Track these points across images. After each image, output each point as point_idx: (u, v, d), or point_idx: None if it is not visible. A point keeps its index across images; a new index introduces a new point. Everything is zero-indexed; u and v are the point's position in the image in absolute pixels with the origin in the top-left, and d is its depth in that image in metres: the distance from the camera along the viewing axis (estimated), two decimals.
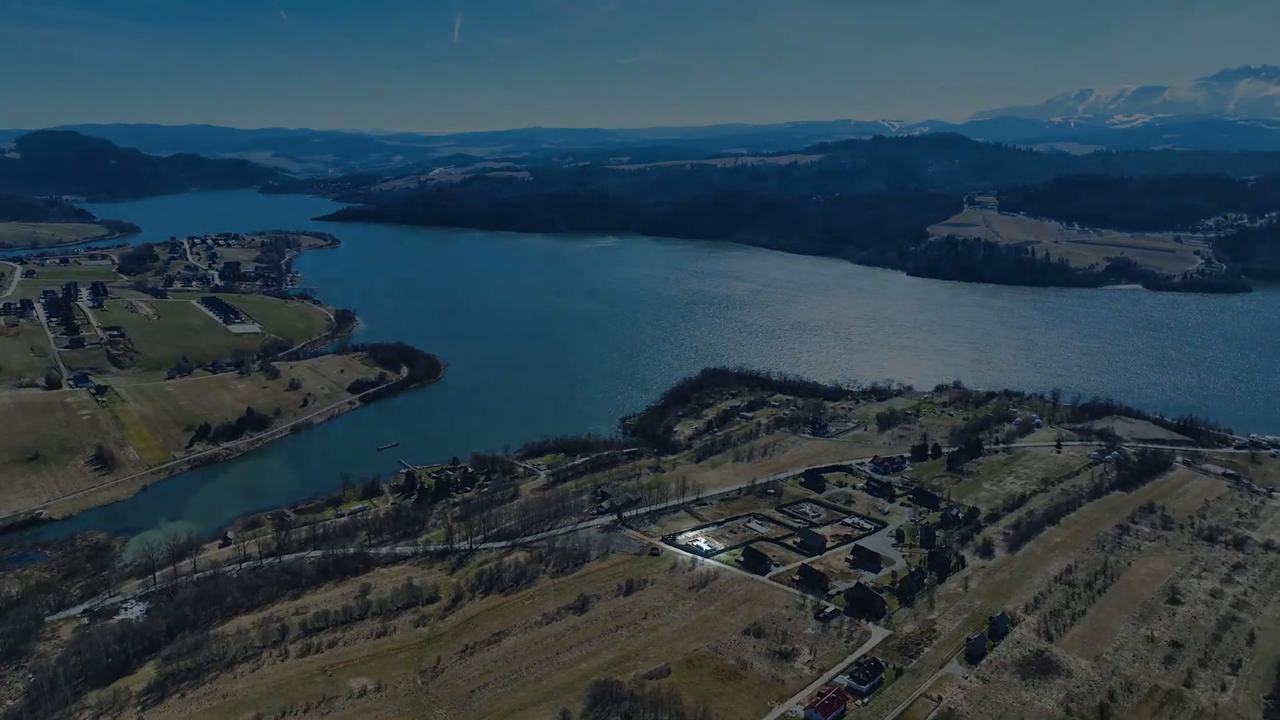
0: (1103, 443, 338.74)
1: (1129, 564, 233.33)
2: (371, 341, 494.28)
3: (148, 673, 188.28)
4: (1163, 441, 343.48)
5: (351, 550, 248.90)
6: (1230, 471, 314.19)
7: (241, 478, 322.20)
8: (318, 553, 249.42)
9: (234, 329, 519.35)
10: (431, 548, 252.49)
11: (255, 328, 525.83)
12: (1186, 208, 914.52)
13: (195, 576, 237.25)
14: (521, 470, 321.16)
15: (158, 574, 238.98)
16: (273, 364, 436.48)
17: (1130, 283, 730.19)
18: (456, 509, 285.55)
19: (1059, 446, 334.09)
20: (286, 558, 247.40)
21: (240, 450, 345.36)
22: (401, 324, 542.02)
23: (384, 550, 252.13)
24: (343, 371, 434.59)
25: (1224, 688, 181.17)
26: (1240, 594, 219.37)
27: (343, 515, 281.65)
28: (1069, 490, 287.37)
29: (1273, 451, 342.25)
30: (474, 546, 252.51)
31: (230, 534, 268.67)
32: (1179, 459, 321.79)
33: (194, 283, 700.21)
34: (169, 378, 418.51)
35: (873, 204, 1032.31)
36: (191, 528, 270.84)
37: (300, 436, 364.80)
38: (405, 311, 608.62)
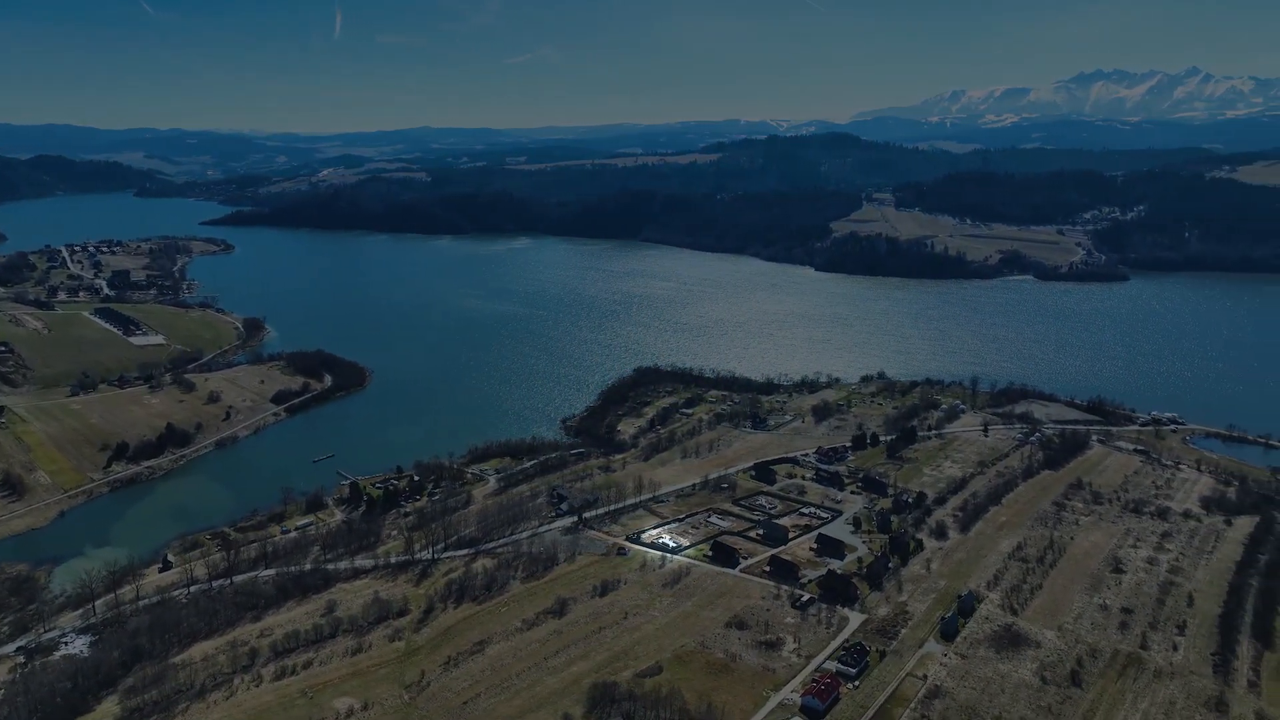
0: (1024, 425, 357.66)
1: (1072, 538, 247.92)
2: (288, 350, 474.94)
3: (110, 709, 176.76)
4: (1077, 422, 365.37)
5: (308, 567, 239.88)
6: (1140, 447, 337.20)
7: (169, 498, 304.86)
8: (271, 571, 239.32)
9: (136, 341, 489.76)
10: (393, 559, 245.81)
11: (159, 339, 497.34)
12: (1064, 202, 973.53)
13: (141, 604, 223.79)
14: (470, 476, 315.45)
15: (97, 604, 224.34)
16: (186, 376, 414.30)
17: (1022, 274, 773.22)
18: (409, 518, 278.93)
19: (986, 431, 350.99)
20: (238, 578, 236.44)
21: (164, 469, 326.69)
22: (316, 331, 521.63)
23: (342, 565, 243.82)
24: (263, 382, 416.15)
25: (1175, 648, 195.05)
26: (1173, 560, 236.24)
27: (289, 531, 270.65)
28: (1003, 472, 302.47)
29: (1172, 427, 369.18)
30: (436, 556, 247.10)
31: (170, 557, 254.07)
32: (1094, 438, 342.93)
33: (81, 293, 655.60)
34: (72, 394, 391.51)
35: (775, 201, 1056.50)
36: (123, 553, 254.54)
37: (227, 451, 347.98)
38: (317, 318, 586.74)
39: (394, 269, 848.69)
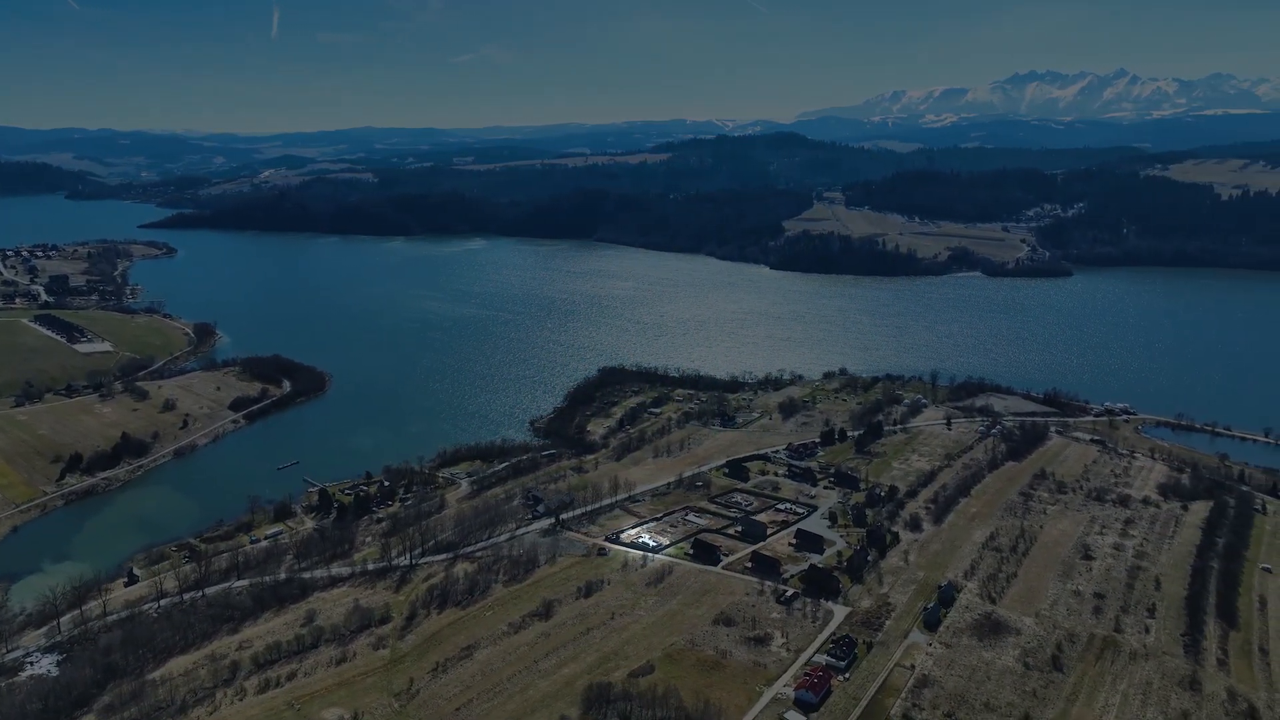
0: (985, 418, 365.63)
1: (1041, 527, 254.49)
2: (242, 355, 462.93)
3: None
4: (1034, 414, 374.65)
5: (283, 576, 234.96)
6: (1096, 438, 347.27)
7: (129, 510, 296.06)
8: (244, 582, 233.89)
9: (81, 348, 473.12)
10: (370, 566, 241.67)
11: (106, 346, 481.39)
12: (1008, 200, 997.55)
13: (109, 619, 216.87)
14: (441, 480, 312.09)
15: (61, 621, 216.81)
16: (138, 384, 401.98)
17: (970, 270, 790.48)
18: (383, 524, 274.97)
19: (949, 424, 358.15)
20: (210, 590, 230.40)
21: (121, 480, 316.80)
22: (270, 336, 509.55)
23: (318, 573, 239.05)
24: (219, 389, 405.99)
25: (1147, 630, 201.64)
26: (1138, 545, 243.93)
27: (259, 540, 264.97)
28: (969, 464, 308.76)
29: (1125, 417, 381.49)
30: (414, 561, 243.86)
31: (136, 570, 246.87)
32: (1052, 429, 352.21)
33: (17, 299, 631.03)
34: (16, 405, 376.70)
35: (727, 201, 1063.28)
36: (84, 568, 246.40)
37: (186, 460, 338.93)
38: (271, 323, 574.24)
39: (347, 272, 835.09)
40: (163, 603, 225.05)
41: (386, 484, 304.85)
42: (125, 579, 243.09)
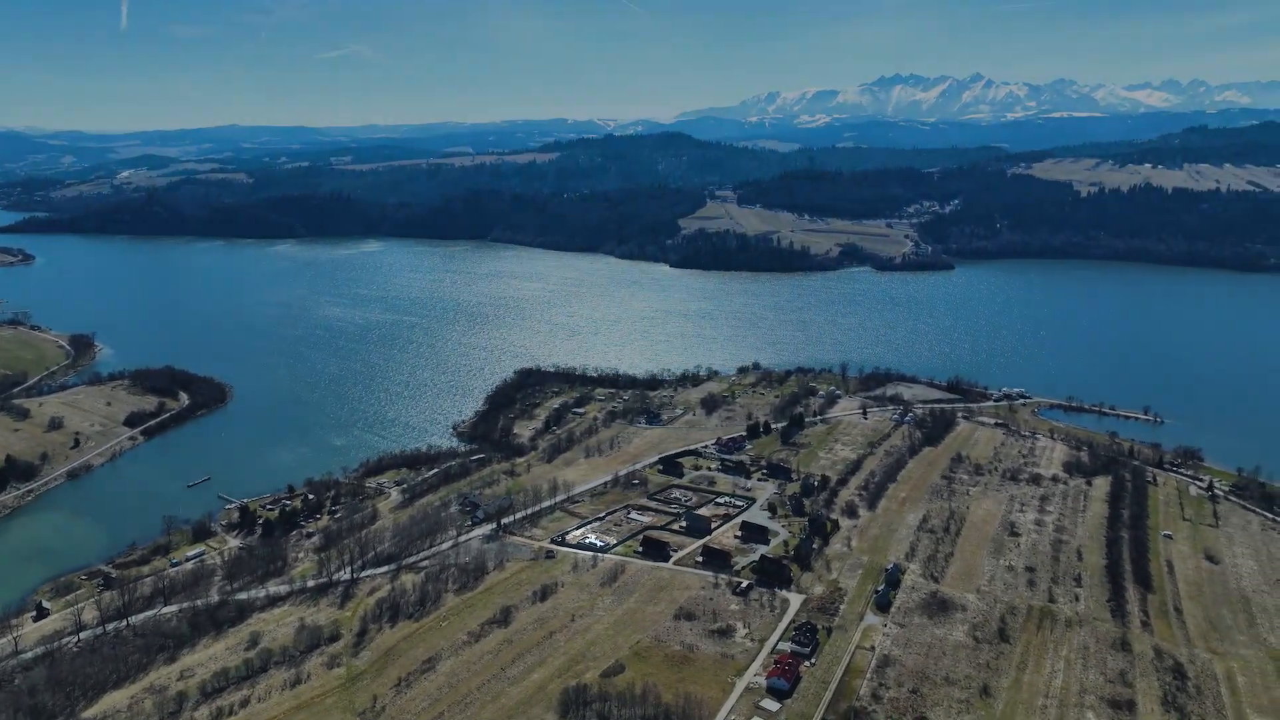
0: (897, 407, 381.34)
1: (967, 508, 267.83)
2: (129, 368, 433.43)
3: None
4: (940, 401, 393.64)
5: (215, 599, 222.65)
6: (1000, 421, 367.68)
7: (25, 538, 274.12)
8: (173, 607, 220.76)
9: None
10: (309, 583, 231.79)
11: None
12: (890, 197, 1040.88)
13: (24, 657, 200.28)
14: (370, 490, 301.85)
15: None
16: (14, 402, 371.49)
17: (860, 265, 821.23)
18: (314, 539, 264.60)
19: (865, 413, 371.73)
20: (136, 619, 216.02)
21: (9, 506, 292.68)
22: (157, 347, 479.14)
23: (254, 594, 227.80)
24: (109, 404, 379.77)
25: (1077, 599, 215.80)
26: (1056, 520, 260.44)
27: (180, 563, 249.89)
28: (890, 451, 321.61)
29: (1021, 401, 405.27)
30: (355, 575, 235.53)
31: (44, 603, 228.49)
32: (959, 415, 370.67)
33: None
34: None
35: (623, 200, 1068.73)
36: None
37: (82, 482, 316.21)
38: (156, 333, 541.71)
39: (234, 277, 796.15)
40: (83, 635, 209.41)
41: (311, 497, 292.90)
42: (34, 613, 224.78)
